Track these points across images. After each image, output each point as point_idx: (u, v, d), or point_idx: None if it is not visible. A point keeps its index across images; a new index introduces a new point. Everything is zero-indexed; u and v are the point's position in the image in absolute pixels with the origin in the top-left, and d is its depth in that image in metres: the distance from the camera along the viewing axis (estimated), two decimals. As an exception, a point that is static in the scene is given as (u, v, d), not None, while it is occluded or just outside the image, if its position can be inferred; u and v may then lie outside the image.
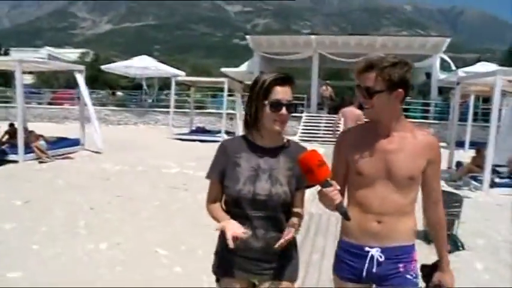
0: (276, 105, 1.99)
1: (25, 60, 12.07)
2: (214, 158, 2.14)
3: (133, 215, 6.43)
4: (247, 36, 25.51)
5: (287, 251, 2.10)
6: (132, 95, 30.94)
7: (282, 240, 1.93)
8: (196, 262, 4.54)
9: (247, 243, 1.98)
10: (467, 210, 6.53)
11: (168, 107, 25.79)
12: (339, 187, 1.86)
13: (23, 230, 5.61)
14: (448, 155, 11.96)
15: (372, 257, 2.03)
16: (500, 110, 13.31)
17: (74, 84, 15.51)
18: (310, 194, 2.25)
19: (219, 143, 2.19)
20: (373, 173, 2.01)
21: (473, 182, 9.86)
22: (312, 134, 20.02)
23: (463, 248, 5.39)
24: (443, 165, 9.20)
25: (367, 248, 2.04)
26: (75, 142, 13.30)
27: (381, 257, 2.03)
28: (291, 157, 2.07)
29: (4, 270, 4.25)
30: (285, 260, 2.11)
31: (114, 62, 61.80)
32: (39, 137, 11.87)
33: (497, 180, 9.77)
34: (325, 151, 3.75)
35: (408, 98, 22.55)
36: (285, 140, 2.15)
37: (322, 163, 1.81)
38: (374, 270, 2.03)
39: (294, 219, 2.07)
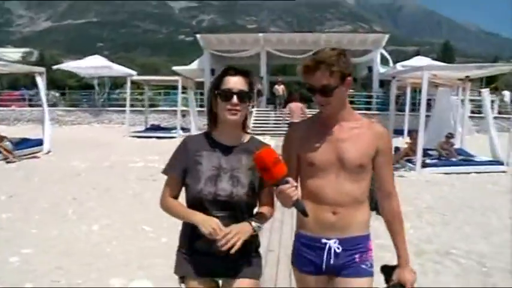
0: (226, 94, 2.01)
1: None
2: (174, 153, 2.16)
3: (113, 202, 7.24)
4: (197, 35, 26.30)
5: (250, 250, 2.14)
6: (83, 95, 30.99)
7: (228, 245, 1.93)
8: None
9: (209, 245, 1.99)
10: (402, 187, 7.76)
11: (120, 106, 26.30)
12: (295, 184, 1.89)
13: (17, 218, 6.32)
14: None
15: (330, 248, 2.05)
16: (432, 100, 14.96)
17: (19, 86, 15.69)
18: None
19: (182, 139, 2.21)
20: (324, 162, 2.02)
21: (409, 164, 11.22)
22: (263, 128, 21.11)
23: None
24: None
25: (324, 240, 2.06)
26: (39, 142, 13.71)
27: (338, 248, 2.05)
28: (253, 155, 2.01)
29: (17, 247, 5.02)
30: (248, 258, 2.14)
31: (60, 61, 60.64)
32: (3, 138, 12.30)
33: (427, 161, 11.19)
34: (276, 143, 4.69)
35: (352, 90, 24.05)
36: (247, 137, 2.18)
37: (278, 160, 1.84)
38: (332, 261, 2.05)
39: (256, 219, 2.07)
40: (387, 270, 2.16)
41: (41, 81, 13.64)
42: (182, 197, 2.16)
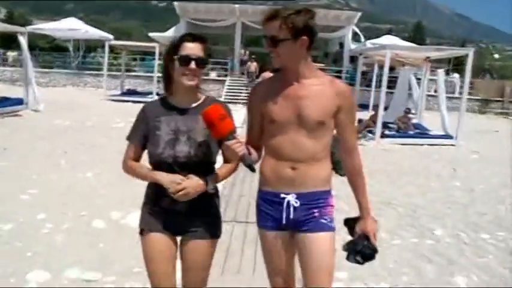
0: (185, 59, 2.06)
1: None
2: (135, 121, 2.23)
3: (101, 156, 7.98)
4: (175, 3, 26.60)
5: (210, 209, 2.24)
6: (56, 57, 30.97)
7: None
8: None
9: (172, 203, 2.11)
10: (362, 154, 8.76)
11: (95, 69, 26.61)
12: (242, 140, 1.98)
13: (16, 166, 7.07)
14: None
15: (288, 203, 2.10)
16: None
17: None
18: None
19: (141, 107, 2.26)
20: (284, 119, 2.05)
21: (369, 134, 12.28)
22: (236, 96, 21.87)
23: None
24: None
25: (282, 195, 2.11)
26: (19, 101, 14.19)
27: (296, 202, 2.10)
28: None
29: (23, 188, 5.81)
30: (207, 218, 2.22)
31: (29, 21, 59.17)
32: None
33: (386, 132, 12.29)
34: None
35: (323, 65, 25.03)
36: (202, 98, 2.23)
37: (224, 117, 1.92)
38: (291, 216, 2.10)
39: (212, 178, 2.14)
40: (350, 223, 2.26)
41: (24, 42, 14.05)
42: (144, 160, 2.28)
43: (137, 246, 2.35)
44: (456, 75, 28.68)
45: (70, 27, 24.53)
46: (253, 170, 2.00)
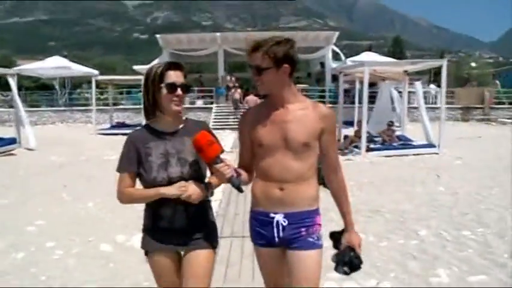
0: (171, 87, 2.22)
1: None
2: (123, 151, 2.32)
3: (99, 187, 8.25)
4: (157, 35, 27.24)
5: (206, 222, 2.41)
6: (43, 95, 31.35)
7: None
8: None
9: (170, 223, 2.30)
10: (349, 168, 9.20)
11: (83, 105, 27.03)
12: (229, 163, 2.14)
13: (20, 203, 7.34)
14: (338, 131, 14.87)
15: (277, 222, 2.24)
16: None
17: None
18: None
19: (126, 138, 2.35)
20: (272, 142, 2.20)
21: (355, 149, 12.72)
22: (223, 122, 22.31)
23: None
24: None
25: (272, 214, 2.26)
26: (12, 141, 14.43)
27: (284, 221, 2.23)
28: (194, 134, 2.22)
29: (29, 221, 6.11)
30: (205, 230, 2.38)
31: (13, 61, 59.41)
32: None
33: (371, 146, 12.75)
34: (236, 135, 5.76)
35: (306, 85, 25.73)
36: (183, 120, 2.40)
37: (212, 142, 2.10)
38: (280, 234, 2.24)
39: (209, 186, 2.32)
40: (336, 236, 2.38)
41: (13, 83, 14.39)
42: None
43: (144, 263, 2.63)
44: (432, 86, 29.48)
45: (55, 66, 24.86)
46: (240, 191, 2.16)
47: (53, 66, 24.99)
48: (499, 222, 5.88)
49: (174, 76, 2.24)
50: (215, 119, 23.17)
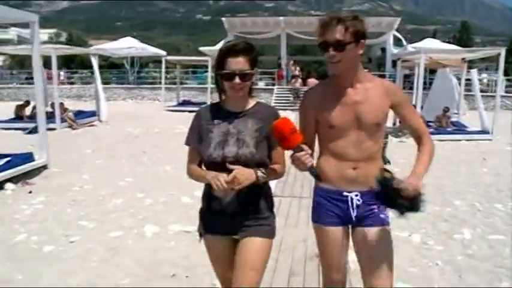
0: (229, 76, 2.14)
1: (58, 47, 14.76)
2: (191, 125, 2.34)
3: (173, 154, 9.40)
4: (223, 19, 28.35)
5: (261, 209, 2.28)
6: (114, 74, 33.38)
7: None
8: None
9: (222, 206, 2.22)
10: (401, 149, 9.93)
11: (151, 83, 28.73)
12: (310, 151, 2.03)
13: (110, 164, 8.63)
14: (393, 116, 15.39)
15: (352, 200, 2.24)
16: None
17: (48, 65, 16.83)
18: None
19: (196, 112, 2.37)
20: (344, 124, 2.17)
21: (409, 133, 13.25)
22: (284, 103, 23.18)
23: (390, 163, 8.71)
24: (391, 123, 12.40)
25: (345, 193, 2.24)
26: (92, 114, 16.10)
27: (359, 200, 2.24)
28: (259, 118, 2.23)
29: (120, 178, 7.34)
30: (259, 217, 2.27)
31: (86, 41, 62.50)
32: (66, 109, 14.68)
33: (424, 130, 13.24)
34: (296, 116, 6.55)
35: (367, 70, 26.43)
36: (253, 102, 2.31)
37: (294, 130, 1.98)
38: (353, 213, 2.24)
39: (262, 170, 2.19)
40: (384, 178, 2.14)
41: (95, 62, 15.93)
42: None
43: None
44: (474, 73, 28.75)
45: (128, 46, 26.56)
46: (319, 179, 2.15)
47: (126, 46, 26.74)
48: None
49: (234, 63, 2.14)
50: (276, 99, 24.08)
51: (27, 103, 15.30)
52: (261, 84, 26.32)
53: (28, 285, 3.66)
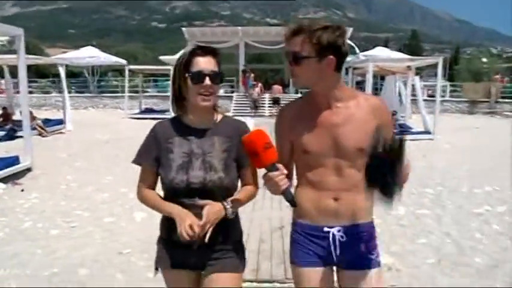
0: (198, 76, 1.87)
1: (31, 57, 15.28)
2: (144, 142, 2.08)
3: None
4: (183, 29, 29.14)
5: (230, 239, 2.04)
6: (73, 83, 33.60)
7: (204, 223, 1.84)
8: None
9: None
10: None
11: (112, 92, 29.27)
12: (285, 171, 1.76)
13: (89, 166, 9.38)
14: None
15: (334, 237, 1.92)
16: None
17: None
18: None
19: (152, 126, 2.10)
20: (320, 150, 1.88)
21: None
22: (243, 110, 24.22)
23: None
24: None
25: (326, 228, 1.93)
26: (59, 122, 16.61)
27: (342, 237, 1.92)
28: (227, 136, 1.98)
29: (102, 176, 8.12)
30: (228, 249, 2.03)
31: (41, 49, 61.38)
32: (35, 117, 15.16)
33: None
34: (255, 122, 7.47)
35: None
36: (220, 117, 2.05)
37: (269, 145, 1.72)
38: (337, 252, 1.92)
39: (230, 203, 1.94)
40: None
41: (62, 71, 16.49)
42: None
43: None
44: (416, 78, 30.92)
45: (90, 55, 27.03)
46: (295, 204, 1.83)
47: (88, 55, 27.19)
48: (454, 184, 7.78)
49: (203, 63, 1.90)
50: (235, 106, 25.08)
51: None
52: (221, 92, 27.22)
53: (48, 256, 4.50)
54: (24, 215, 5.90)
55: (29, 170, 8.50)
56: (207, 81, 1.88)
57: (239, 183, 2.08)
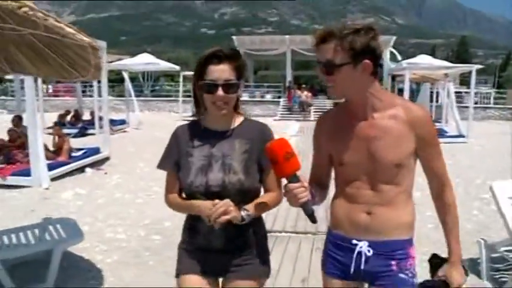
0: (210, 87, 1.82)
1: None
2: (167, 147, 2.09)
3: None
4: (233, 37, 30.98)
5: (252, 245, 1.99)
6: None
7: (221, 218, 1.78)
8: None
9: (207, 240, 1.94)
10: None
11: (165, 96, 31.31)
12: (306, 184, 1.71)
13: (156, 155, 10.89)
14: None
15: (360, 251, 1.85)
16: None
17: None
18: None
19: (173, 131, 2.10)
20: (355, 162, 1.81)
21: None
22: (289, 114, 25.59)
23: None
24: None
25: (354, 241, 1.87)
26: (122, 122, 18.56)
27: (369, 251, 1.84)
28: (247, 138, 1.94)
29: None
30: (250, 255, 1.99)
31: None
32: (101, 117, 17.07)
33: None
34: (300, 124, 8.46)
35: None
36: (241, 119, 2.01)
37: (291, 155, 1.66)
38: (362, 266, 1.84)
39: (250, 204, 1.89)
40: (436, 262, 1.96)
41: (127, 77, 18.44)
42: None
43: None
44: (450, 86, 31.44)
45: (146, 62, 29.10)
46: (314, 221, 1.73)
47: (144, 62, 29.27)
48: (471, 176, 8.85)
49: (216, 72, 1.82)
50: (282, 111, 26.49)
51: (68, 112, 17.78)
52: (268, 97, 28.77)
53: (140, 214, 6.05)
54: (113, 190, 7.51)
55: (107, 158, 10.18)
56: (220, 91, 1.82)
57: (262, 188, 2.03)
